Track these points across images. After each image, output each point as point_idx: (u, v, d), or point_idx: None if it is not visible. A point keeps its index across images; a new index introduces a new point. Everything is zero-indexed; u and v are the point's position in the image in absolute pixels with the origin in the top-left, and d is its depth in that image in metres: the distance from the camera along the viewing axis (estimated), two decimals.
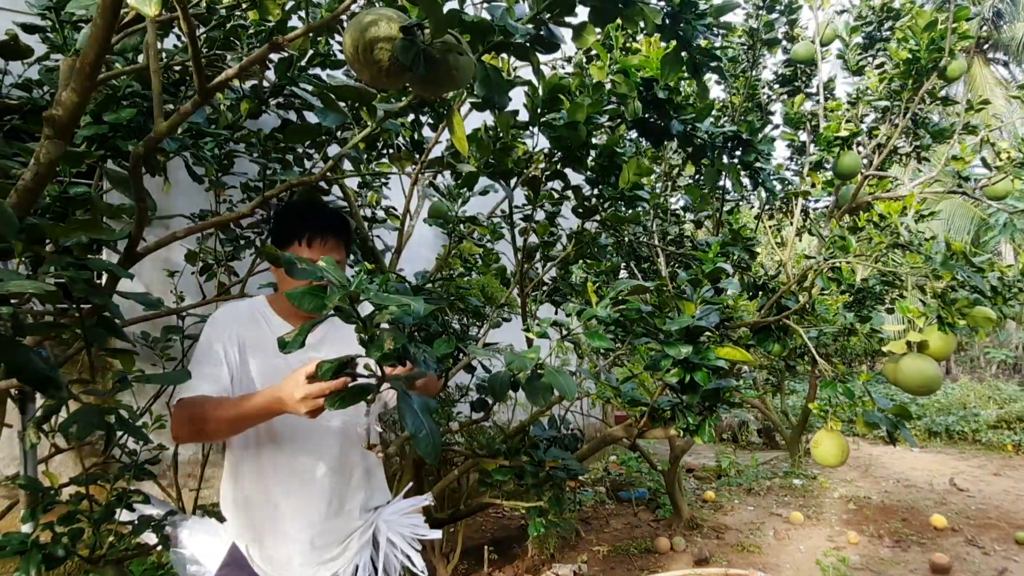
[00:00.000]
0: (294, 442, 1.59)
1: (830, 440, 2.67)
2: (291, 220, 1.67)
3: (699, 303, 2.06)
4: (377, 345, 1.12)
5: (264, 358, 1.59)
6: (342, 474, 1.65)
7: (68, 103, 1.35)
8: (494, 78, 1.64)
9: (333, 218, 1.70)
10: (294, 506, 1.59)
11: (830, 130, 3.19)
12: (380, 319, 1.13)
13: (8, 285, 1.06)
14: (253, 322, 1.64)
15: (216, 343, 1.58)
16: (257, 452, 1.59)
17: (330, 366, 1.17)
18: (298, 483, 1.60)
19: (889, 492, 5.55)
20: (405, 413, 1.21)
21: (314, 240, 1.63)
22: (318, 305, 1.11)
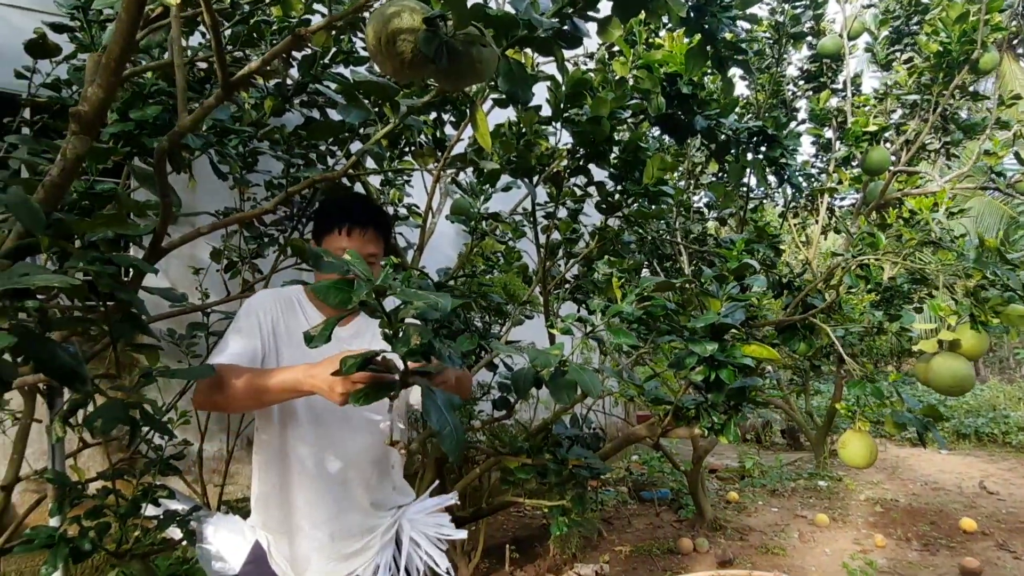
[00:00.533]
0: (315, 436, 1.59)
1: (858, 441, 2.62)
2: (333, 210, 1.67)
3: (725, 300, 2.03)
4: (403, 341, 1.11)
5: (296, 346, 1.58)
6: (361, 469, 1.64)
7: (94, 99, 1.35)
8: (518, 73, 1.63)
9: (375, 211, 1.71)
10: (311, 501, 1.59)
11: (858, 125, 3.13)
12: (405, 314, 1.11)
13: (35, 279, 1.06)
14: (290, 309, 1.64)
15: (253, 318, 1.58)
16: (278, 447, 1.59)
17: (354, 361, 1.16)
18: (316, 478, 1.59)
19: (917, 495, 5.44)
20: (430, 409, 1.20)
21: (354, 230, 1.62)
22: (344, 299, 1.10)
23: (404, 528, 1.72)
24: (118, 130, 2.03)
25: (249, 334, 1.55)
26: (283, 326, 1.60)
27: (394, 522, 1.71)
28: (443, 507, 1.84)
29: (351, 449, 1.61)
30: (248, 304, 1.62)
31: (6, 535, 2.64)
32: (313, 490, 1.58)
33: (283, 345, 1.58)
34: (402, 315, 1.12)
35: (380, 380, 1.22)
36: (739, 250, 3.31)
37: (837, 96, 5.75)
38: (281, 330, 1.59)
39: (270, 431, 1.59)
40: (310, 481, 1.57)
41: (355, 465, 1.62)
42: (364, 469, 1.64)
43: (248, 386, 1.38)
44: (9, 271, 1.13)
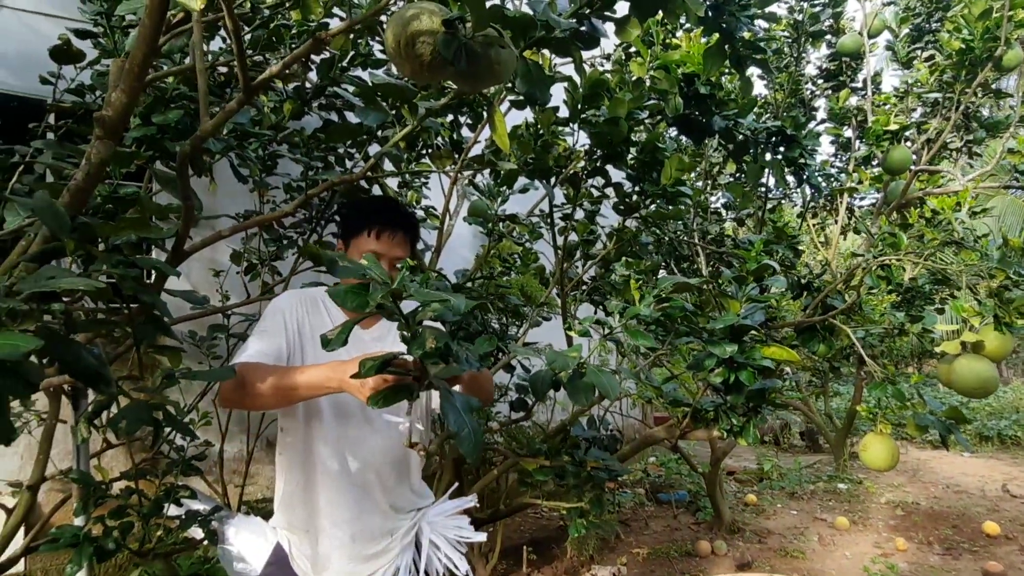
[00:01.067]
0: (338, 437, 1.60)
1: (879, 444, 2.59)
2: (363, 212, 1.69)
3: (744, 301, 2.02)
4: (419, 343, 1.12)
5: (320, 346, 1.60)
6: (380, 472, 1.65)
7: (118, 103, 1.37)
8: (536, 74, 1.63)
9: (404, 214, 1.72)
10: (333, 501, 1.60)
11: (879, 124, 3.10)
12: (422, 316, 1.12)
13: (61, 282, 1.08)
14: (315, 309, 1.65)
15: (278, 318, 1.60)
16: (301, 448, 1.60)
17: (372, 364, 1.17)
18: (338, 479, 1.60)
19: (938, 498, 5.37)
20: (448, 411, 1.20)
21: (384, 233, 1.64)
22: (361, 303, 1.11)
23: (424, 531, 1.73)
24: (140, 134, 2.05)
25: (274, 333, 1.56)
26: (308, 326, 1.61)
27: (414, 524, 1.72)
28: (462, 510, 1.84)
29: (371, 451, 1.62)
30: (273, 305, 1.64)
31: (32, 534, 2.68)
32: (335, 491, 1.59)
33: (308, 345, 1.60)
34: (419, 317, 1.12)
35: (398, 383, 1.23)
36: (758, 251, 3.29)
37: (856, 95, 5.70)
38: (306, 330, 1.61)
39: (294, 433, 1.60)
40: (332, 482, 1.58)
41: (375, 467, 1.63)
42: (383, 471, 1.65)
43: (274, 383, 1.39)
44: (36, 274, 1.15)
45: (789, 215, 7.01)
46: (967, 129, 4.37)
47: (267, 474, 4.82)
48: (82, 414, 2.18)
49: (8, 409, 1.01)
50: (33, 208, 1.25)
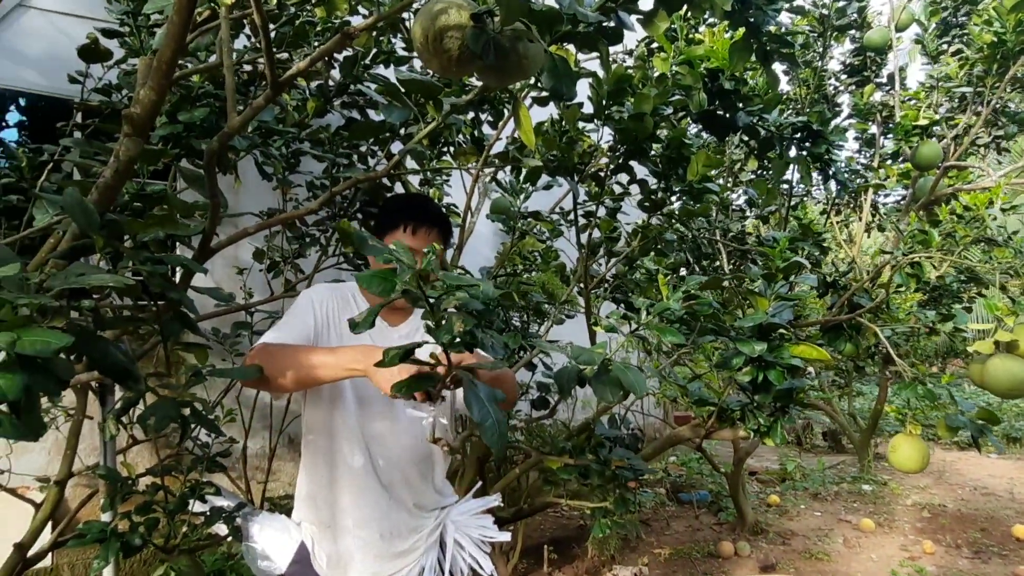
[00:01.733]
0: (363, 435, 1.59)
1: (909, 445, 2.55)
2: (396, 208, 1.69)
3: (773, 299, 1.99)
4: (446, 328, 1.10)
5: (349, 340, 1.59)
6: (404, 470, 1.64)
7: (146, 101, 1.37)
8: (562, 68, 1.61)
9: (439, 212, 1.73)
10: (357, 500, 1.59)
11: (908, 118, 3.04)
12: (448, 304, 1.10)
13: (91, 279, 1.08)
14: (345, 302, 1.66)
15: (308, 307, 1.60)
16: (325, 446, 1.60)
17: (396, 352, 1.15)
18: (362, 477, 1.59)
19: (966, 500, 5.28)
20: (471, 401, 1.18)
21: (420, 229, 1.64)
22: (386, 288, 1.09)
23: (448, 530, 1.72)
24: (167, 132, 2.07)
25: (302, 318, 1.57)
26: (336, 318, 1.61)
27: (438, 523, 1.71)
28: (486, 509, 1.83)
29: (395, 448, 1.62)
30: (304, 294, 1.65)
31: (59, 528, 2.71)
32: (359, 488, 1.58)
33: (334, 337, 1.60)
34: (444, 305, 1.11)
35: (421, 372, 1.22)
36: (783, 248, 3.24)
37: (881, 90, 5.61)
38: (334, 321, 1.61)
39: (318, 429, 1.60)
40: (356, 480, 1.58)
41: (399, 465, 1.63)
42: (407, 469, 1.64)
43: (298, 361, 1.38)
44: (66, 271, 1.15)
45: (812, 212, 6.93)
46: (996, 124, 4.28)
47: (289, 470, 4.85)
48: (110, 411, 2.20)
49: (38, 405, 1.01)
50: (63, 205, 1.25)
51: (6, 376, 0.88)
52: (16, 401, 0.89)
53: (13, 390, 0.87)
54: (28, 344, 0.89)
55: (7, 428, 0.91)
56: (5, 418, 0.92)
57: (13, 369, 0.89)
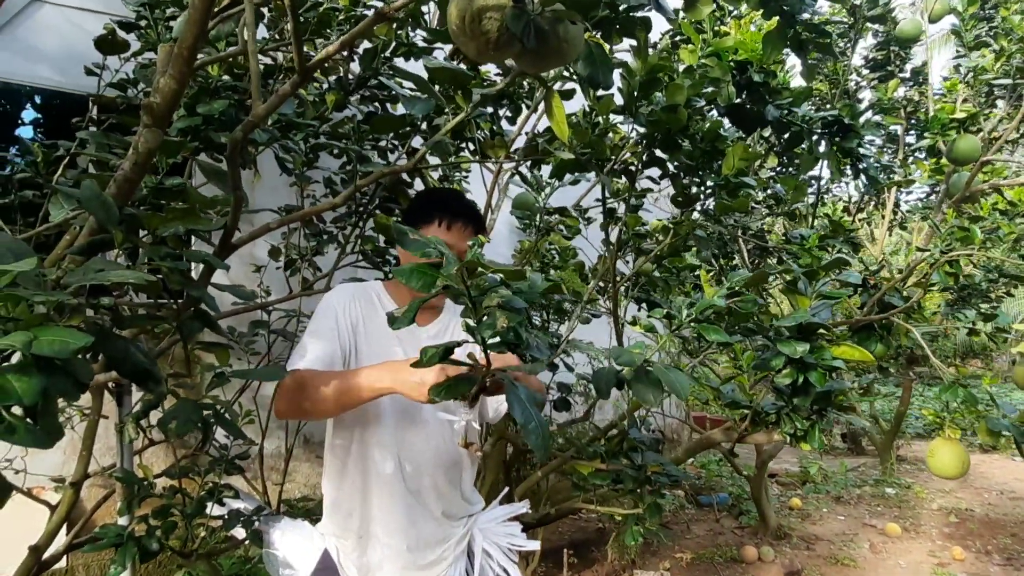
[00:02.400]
0: (392, 441, 1.53)
1: (948, 450, 2.46)
2: (431, 202, 1.63)
3: (815, 297, 1.91)
4: (489, 325, 1.03)
5: (377, 343, 1.53)
6: (433, 477, 1.58)
7: (166, 90, 1.31)
8: (598, 55, 1.54)
9: (473, 207, 1.67)
10: (386, 508, 1.53)
11: (945, 112, 2.95)
12: (491, 300, 1.04)
13: (110, 275, 1.02)
14: (370, 304, 1.59)
15: (331, 318, 1.53)
16: (355, 452, 1.53)
17: (434, 352, 1.09)
18: (392, 484, 1.53)
19: (993, 504, 5.16)
20: (513, 403, 1.12)
21: (455, 224, 1.57)
22: (427, 283, 1.03)
23: (476, 538, 1.65)
24: (185, 125, 2.00)
25: (328, 336, 1.49)
26: (362, 324, 1.55)
27: (466, 532, 1.64)
28: (515, 516, 1.77)
29: (425, 453, 1.55)
30: (326, 303, 1.57)
31: (75, 531, 2.66)
32: (388, 496, 1.52)
33: (362, 343, 1.53)
34: (486, 302, 1.04)
35: (459, 374, 1.16)
36: (812, 245, 3.15)
37: (905, 85, 5.49)
38: (360, 328, 1.54)
39: (345, 434, 1.54)
40: (386, 487, 1.52)
41: (428, 471, 1.56)
42: (437, 476, 1.58)
43: (332, 389, 1.33)
44: (84, 267, 1.09)
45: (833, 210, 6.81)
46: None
47: (304, 471, 4.80)
48: (129, 414, 2.14)
49: (56, 410, 0.95)
50: (81, 199, 1.20)
51: (22, 379, 0.82)
52: (32, 405, 0.83)
53: (30, 394, 0.81)
54: (46, 344, 0.82)
55: (22, 435, 0.85)
56: (20, 424, 0.86)
57: (29, 371, 0.83)
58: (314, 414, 1.38)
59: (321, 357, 1.45)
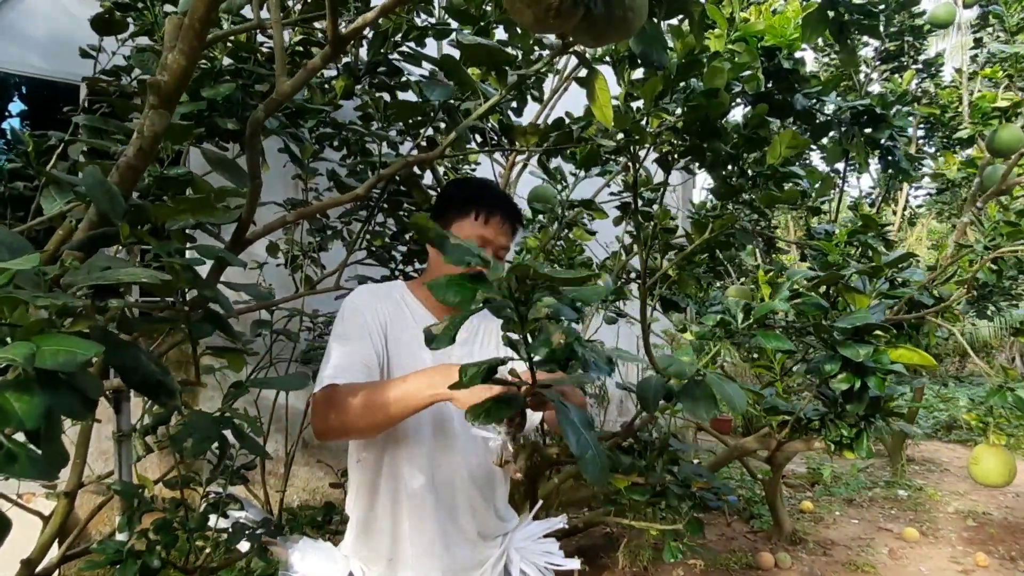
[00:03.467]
0: (423, 455, 1.39)
1: (993, 457, 2.33)
2: (469, 193, 1.49)
3: (876, 296, 1.78)
4: (543, 341, 0.89)
5: (406, 348, 1.39)
6: (468, 495, 1.44)
7: (175, 67, 1.16)
8: (651, 31, 1.41)
9: (512, 202, 1.54)
10: (419, 528, 1.39)
11: (987, 100, 2.83)
12: (537, 312, 0.90)
13: (119, 274, 0.87)
14: (395, 306, 1.44)
15: (360, 323, 1.38)
16: (386, 467, 1.39)
17: (476, 371, 0.95)
18: (424, 504, 1.39)
19: (1011, 508, 5.06)
20: (566, 429, 0.98)
21: (493, 217, 1.44)
22: (467, 298, 0.88)
23: (512, 559, 1.52)
24: (188, 110, 1.86)
25: (360, 342, 1.35)
26: (391, 328, 1.40)
27: (502, 552, 1.50)
28: (551, 532, 1.63)
29: (459, 471, 1.41)
30: (351, 306, 1.41)
31: (68, 542, 2.51)
32: (420, 517, 1.38)
33: (392, 349, 1.39)
34: (533, 314, 0.90)
35: (504, 394, 1.02)
36: (841, 241, 3.02)
37: (918, 77, 5.39)
38: (390, 333, 1.40)
39: (375, 450, 1.39)
40: (417, 507, 1.37)
41: (463, 489, 1.42)
42: (471, 494, 1.44)
43: (367, 404, 1.18)
44: (88, 264, 0.94)
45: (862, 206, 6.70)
46: None
47: (303, 475, 4.65)
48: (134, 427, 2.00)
49: (60, 433, 0.80)
50: (84, 186, 1.05)
51: (23, 398, 0.67)
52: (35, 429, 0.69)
53: (32, 416, 0.66)
54: (49, 356, 0.68)
55: (24, 464, 0.71)
56: (21, 451, 0.71)
57: (31, 388, 0.68)
58: (351, 433, 1.24)
59: (352, 362, 1.30)
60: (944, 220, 6.38)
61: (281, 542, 1.61)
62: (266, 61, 2.29)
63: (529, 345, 0.91)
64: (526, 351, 0.93)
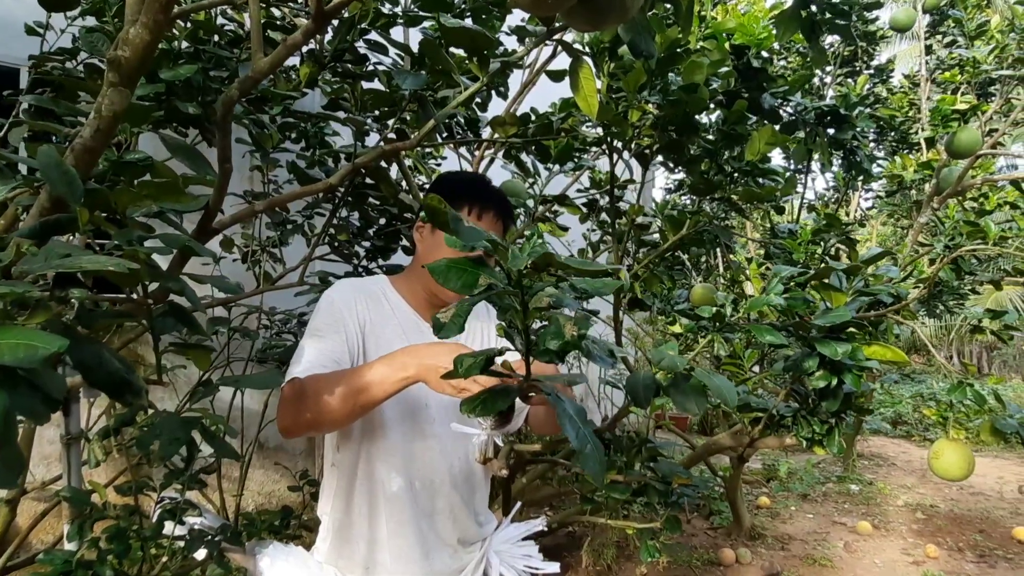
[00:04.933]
0: (402, 456, 1.33)
1: (954, 451, 2.37)
2: (462, 187, 1.43)
3: (852, 294, 1.78)
4: (553, 332, 0.85)
5: (387, 346, 1.32)
6: (449, 498, 1.39)
7: (137, 41, 1.09)
8: (640, 20, 1.38)
9: (504, 197, 1.48)
10: (397, 533, 1.33)
11: (946, 103, 2.90)
12: (538, 301, 0.85)
13: (81, 262, 0.80)
14: (376, 302, 1.37)
15: (336, 314, 1.31)
16: (361, 469, 1.33)
17: (473, 362, 0.90)
18: (402, 507, 1.33)
19: (956, 500, 5.23)
20: (565, 422, 0.93)
21: (487, 213, 1.39)
22: (468, 282, 0.84)
23: (492, 564, 1.47)
24: (146, 92, 1.75)
25: (333, 336, 1.28)
26: (369, 323, 1.33)
27: (482, 557, 1.45)
28: (531, 534, 1.59)
29: (439, 473, 1.36)
30: (328, 301, 1.34)
31: (9, 552, 2.38)
32: (398, 521, 1.32)
33: (371, 346, 1.32)
34: (535, 304, 0.86)
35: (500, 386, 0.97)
36: (805, 240, 3.05)
37: (869, 82, 5.53)
38: (369, 329, 1.33)
39: (351, 450, 1.32)
40: (396, 510, 1.31)
41: (442, 491, 1.37)
42: (451, 496, 1.38)
43: (344, 389, 1.11)
44: (46, 251, 0.86)
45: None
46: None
47: (258, 479, 4.50)
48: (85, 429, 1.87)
49: (16, 436, 0.72)
50: (38, 168, 0.97)
51: None
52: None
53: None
54: (8, 351, 0.60)
55: None
56: None
57: None
58: (323, 425, 1.17)
59: (324, 358, 1.23)
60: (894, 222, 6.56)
61: (250, 548, 1.52)
62: (225, 45, 2.19)
63: (539, 335, 0.87)
64: (525, 342, 0.88)
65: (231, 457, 1.08)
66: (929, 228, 3.27)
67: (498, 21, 2.17)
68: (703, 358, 3.64)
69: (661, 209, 3.74)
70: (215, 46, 2.01)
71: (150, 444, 0.98)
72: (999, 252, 2.17)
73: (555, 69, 1.93)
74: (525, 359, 0.92)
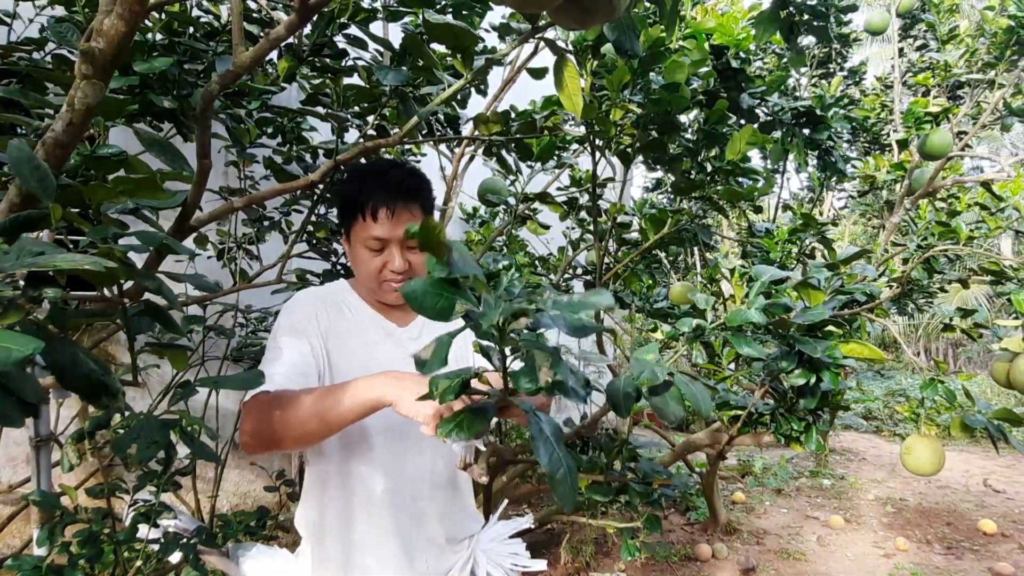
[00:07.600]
0: (382, 457, 1.31)
1: (925, 447, 2.42)
2: (349, 189, 1.33)
3: (830, 293, 1.80)
4: (528, 374, 0.80)
5: (351, 354, 1.30)
6: (434, 499, 1.37)
7: (112, 32, 1.06)
8: (626, 20, 1.37)
9: (401, 178, 1.31)
10: (377, 535, 1.31)
11: (919, 105, 2.95)
12: (515, 326, 0.80)
13: (55, 260, 0.77)
14: (337, 310, 1.34)
15: (300, 331, 1.28)
16: (338, 470, 1.31)
17: (448, 385, 0.87)
18: (383, 508, 1.31)
19: (924, 494, 5.33)
20: (538, 443, 0.90)
21: (379, 210, 1.26)
22: (444, 307, 0.78)
23: (479, 562, 1.46)
24: (119, 85, 1.70)
25: (297, 348, 1.25)
26: (333, 334, 1.31)
27: (469, 556, 1.44)
28: (518, 532, 1.59)
29: (423, 478, 1.34)
30: (290, 312, 1.31)
31: None
32: (379, 522, 1.30)
33: (336, 356, 1.30)
34: (511, 327, 0.80)
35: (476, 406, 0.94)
36: (782, 239, 3.08)
37: (844, 83, 5.61)
38: (330, 337, 1.31)
39: (327, 450, 1.30)
40: (376, 511, 1.30)
41: (427, 496, 1.35)
42: (436, 498, 1.37)
43: (311, 408, 1.09)
44: (18, 248, 0.84)
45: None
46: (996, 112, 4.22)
47: (234, 479, 4.43)
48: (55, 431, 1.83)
49: None
50: (8, 161, 0.94)
51: None
52: None
53: None
54: None
55: None
56: None
57: None
58: (288, 442, 1.12)
59: (291, 374, 1.21)
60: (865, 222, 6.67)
61: (233, 551, 1.50)
62: (202, 38, 2.15)
63: (513, 375, 0.83)
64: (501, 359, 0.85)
65: (209, 459, 1.06)
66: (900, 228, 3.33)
67: (479, 18, 2.16)
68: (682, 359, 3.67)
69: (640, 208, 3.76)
70: (191, 38, 1.97)
71: (127, 447, 0.96)
72: (969, 252, 2.21)
73: (536, 67, 1.93)
74: (503, 377, 0.88)
